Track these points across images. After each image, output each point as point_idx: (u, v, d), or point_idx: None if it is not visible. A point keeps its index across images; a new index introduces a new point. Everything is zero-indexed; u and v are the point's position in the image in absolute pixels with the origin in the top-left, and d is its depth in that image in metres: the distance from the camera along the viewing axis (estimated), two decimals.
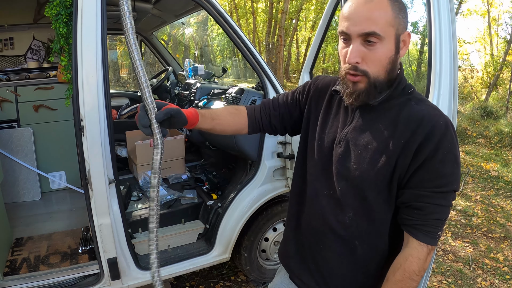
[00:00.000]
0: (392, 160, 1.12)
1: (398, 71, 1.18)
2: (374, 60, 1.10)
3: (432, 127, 1.08)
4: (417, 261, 1.12)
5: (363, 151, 1.17)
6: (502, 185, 5.89)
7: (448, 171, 1.08)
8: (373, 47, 1.08)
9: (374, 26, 1.06)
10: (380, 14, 1.06)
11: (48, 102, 3.54)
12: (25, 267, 2.42)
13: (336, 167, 1.23)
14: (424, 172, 1.09)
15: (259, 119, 1.49)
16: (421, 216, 1.11)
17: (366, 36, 1.08)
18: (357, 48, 1.10)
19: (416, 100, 1.16)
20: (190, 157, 4.01)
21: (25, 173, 3.51)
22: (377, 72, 1.12)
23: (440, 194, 1.09)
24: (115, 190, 2.22)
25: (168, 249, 2.73)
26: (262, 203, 2.75)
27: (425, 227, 1.11)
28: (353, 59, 1.10)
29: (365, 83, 1.13)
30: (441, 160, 1.07)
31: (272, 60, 16.20)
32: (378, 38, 1.07)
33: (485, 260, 3.69)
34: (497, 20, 14.53)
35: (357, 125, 1.21)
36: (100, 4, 1.98)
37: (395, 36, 1.10)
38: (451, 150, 1.08)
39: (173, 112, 1.20)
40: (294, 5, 16.69)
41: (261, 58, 2.65)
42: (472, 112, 10.59)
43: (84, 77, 1.98)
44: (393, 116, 1.15)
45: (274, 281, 1.59)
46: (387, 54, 1.10)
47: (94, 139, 2.02)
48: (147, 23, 4.53)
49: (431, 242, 1.12)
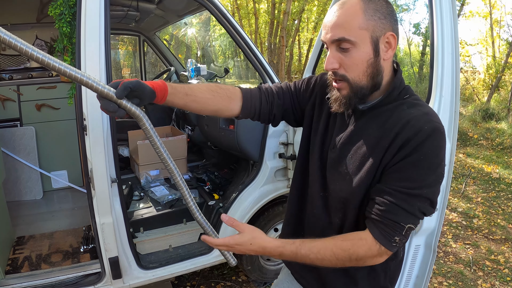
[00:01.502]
0: (375, 165, 1.11)
1: (395, 74, 1.18)
2: (351, 65, 1.10)
3: (415, 131, 1.05)
4: (367, 249, 1.09)
5: (353, 155, 1.17)
6: (503, 187, 5.88)
7: (418, 176, 1.05)
8: (348, 53, 1.08)
9: (343, 32, 1.06)
10: (349, 19, 1.06)
11: (51, 101, 3.56)
12: (26, 265, 2.43)
13: (330, 170, 1.25)
14: (395, 171, 1.08)
15: (256, 104, 1.39)
16: (379, 212, 1.08)
17: (338, 42, 1.08)
18: (332, 55, 1.10)
19: (409, 104, 1.14)
20: (192, 157, 4.02)
21: (27, 172, 3.52)
22: (356, 77, 1.11)
23: (404, 196, 1.05)
24: (117, 190, 2.23)
25: (169, 249, 2.74)
26: (264, 204, 2.76)
27: (381, 224, 1.08)
28: (329, 65, 1.11)
29: (347, 89, 1.13)
30: (414, 164, 1.05)
31: (274, 61, 16.19)
32: (350, 43, 1.07)
33: (486, 262, 3.69)
34: (499, 22, 14.53)
35: (350, 131, 1.21)
36: (104, 4, 1.99)
37: (371, 39, 1.07)
38: (428, 157, 1.05)
39: (132, 85, 1.06)
40: (296, 6, 16.66)
41: (263, 58, 2.66)
42: (473, 114, 10.58)
43: None
44: (383, 120, 1.14)
45: (279, 277, 1.61)
46: (364, 58, 1.08)
47: (97, 138, 2.03)
48: (149, 23, 4.54)
49: (385, 243, 1.08)
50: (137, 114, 1.10)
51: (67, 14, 2.42)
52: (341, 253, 1.11)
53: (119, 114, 1.08)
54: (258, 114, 1.41)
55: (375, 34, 1.07)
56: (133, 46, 7.93)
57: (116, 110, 1.07)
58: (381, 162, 1.10)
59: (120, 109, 1.07)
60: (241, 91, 1.39)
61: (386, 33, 1.09)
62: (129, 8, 3.71)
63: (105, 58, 2.03)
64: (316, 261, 1.13)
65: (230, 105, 1.36)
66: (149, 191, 3.18)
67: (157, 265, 2.51)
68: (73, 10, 2.42)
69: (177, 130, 3.96)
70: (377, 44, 1.08)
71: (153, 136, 1.15)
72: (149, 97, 1.14)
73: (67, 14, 2.42)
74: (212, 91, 1.32)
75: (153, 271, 2.47)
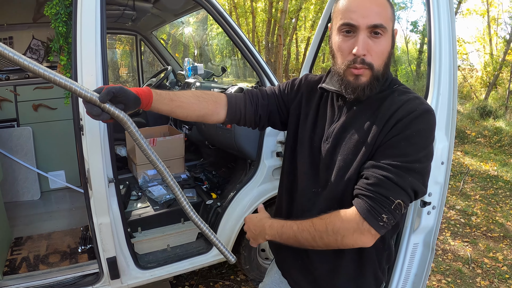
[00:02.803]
0: (370, 148, 1.13)
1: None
2: (378, 52, 1.12)
3: (408, 111, 1.09)
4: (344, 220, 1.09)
5: (347, 143, 1.18)
6: (502, 185, 5.89)
7: (410, 151, 1.06)
8: (378, 40, 1.11)
9: (381, 18, 1.10)
10: (384, 8, 1.11)
11: (48, 101, 3.54)
12: (24, 266, 2.42)
13: (324, 162, 1.24)
14: (387, 147, 1.09)
15: (241, 108, 1.40)
16: (367, 186, 1.07)
17: (374, 28, 1.10)
18: (365, 40, 1.10)
19: (399, 92, 1.19)
20: (190, 156, 4.01)
21: (25, 173, 3.51)
22: (379, 65, 1.14)
23: (395, 169, 1.05)
24: (115, 190, 2.22)
25: (167, 248, 2.73)
26: (262, 203, 2.75)
27: (368, 200, 1.06)
28: (362, 50, 1.10)
29: (368, 77, 1.14)
30: (407, 139, 1.07)
31: (272, 60, 16.18)
32: (383, 31, 1.11)
33: (484, 259, 3.69)
34: (496, 20, 14.52)
35: (344, 121, 1.22)
36: (100, 3, 1.98)
37: (391, 31, 1.15)
38: (420, 134, 1.07)
39: (115, 90, 1.08)
40: (294, 4, 16.66)
41: (261, 57, 2.65)
42: (471, 112, 10.60)
43: (84, 76, 1.98)
44: (376, 107, 1.17)
45: (264, 281, 1.59)
46: (388, 47, 1.14)
47: (94, 138, 2.02)
48: (146, 23, 4.53)
49: (370, 219, 1.06)
50: (121, 117, 1.11)
51: (63, 13, 2.41)
52: (318, 222, 1.12)
53: (103, 117, 1.09)
54: (244, 116, 1.42)
55: (393, 28, 1.16)
56: (130, 45, 7.92)
57: (99, 113, 1.08)
58: (374, 144, 1.12)
59: (103, 113, 1.08)
60: (226, 96, 1.41)
61: (395, 28, 1.18)
62: (125, 7, 3.70)
63: (101, 58, 2.02)
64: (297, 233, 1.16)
65: (216, 109, 1.37)
66: (146, 190, 3.17)
67: (155, 265, 2.50)
68: (69, 9, 2.42)
69: (175, 129, 3.95)
70: (394, 36, 1.16)
71: (139, 138, 1.15)
72: (134, 103, 1.15)
73: (63, 13, 2.41)
74: (198, 97, 1.33)
75: (151, 271, 2.46)
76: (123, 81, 11.39)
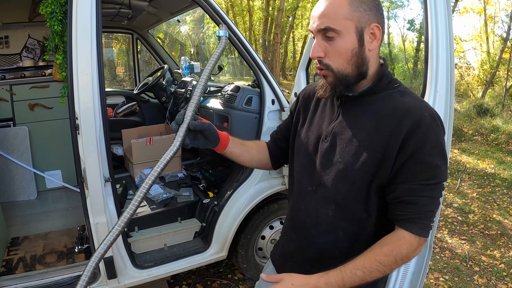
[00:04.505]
0: (378, 152, 1.13)
1: (381, 65, 1.21)
2: (335, 53, 1.14)
3: (418, 118, 1.10)
4: (408, 246, 1.12)
5: (348, 144, 1.18)
6: (499, 182, 5.91)
7: (437, 163, 1.10)
8: (333, 42, 1.13)
9: (329, 21, 1.11)
10: (335, 10, 1.10)
11: (44, 101, 3.53)
12: (21, 266, 2.41)
13: (321, 161, 1.25)
14: (413, 165, 1.10)
15: (272, 148, 1.55)
16: (415, 209, 1.11)
17: (324, 31, 1.12)
18: (318, 44, 1.15)
19: (400, 93, 1.19)
20: (187, 155, 4.00)
21: (21, 172, 3.49)
22: (340, 65, 1.15)
23: (431, 186, 1.10)
24: (111, 189, 2.21)
25: (164, 248, 2.72)
26: (259, 201, 2.75)
27: (420, 220, 1.11)
28: (314, 54, 1.16)
29: (331, 77, 1.17)
30: (430, 153, 1.09)
31: (269, 58, 16.20)
32: (335, 33, 1.11)
33: (481, 257, 3.70)
34: (493, 18, 14.59)
35: (342, 120, 1.23)
36: (95, 2, 1.97)
37: (355, 29, 1.12)
38: (438, 142, 1.10)
39: (206, 125, 1.24)
40: (291, 3, 16.68)
41: (257, 56, 2.65)
42: (468, 110, 10.63)
43: (79, 75, 1.97)
44: (377, 109, 1.17)
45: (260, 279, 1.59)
46: (348, 47, 1.13)
47: (90, 137, 2.01)
48: (142, 21, 4.51)
49: (424, 233, 1.12)
50: (174, 142, 1.21)
51: (58, 12, 2.40)
52: (386, 259, 1.12)
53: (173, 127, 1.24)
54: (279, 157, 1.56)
55: (360, 25, 1.12)
56: (127, 44, 7.90)
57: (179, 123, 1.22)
58: (385, 150, 1.12)
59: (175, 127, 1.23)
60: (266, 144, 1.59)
61: (371, 24, 1.13)
62: (121, 5, 3.69)
63: (97, 57, 2.00)
64: (364, 277, 1.12)
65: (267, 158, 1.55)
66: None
67: (152, 264, 2.50)
68: (64, 8, 2.41)
69: (170, 128, 3.93)
70: (361, 34, 1.13)
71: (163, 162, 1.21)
72: (214, 140, 1.31)
73: (58, 12, 2.40)
74: (256, 143, 1.56)
75: (148, 270, 2.45)
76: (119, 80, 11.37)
